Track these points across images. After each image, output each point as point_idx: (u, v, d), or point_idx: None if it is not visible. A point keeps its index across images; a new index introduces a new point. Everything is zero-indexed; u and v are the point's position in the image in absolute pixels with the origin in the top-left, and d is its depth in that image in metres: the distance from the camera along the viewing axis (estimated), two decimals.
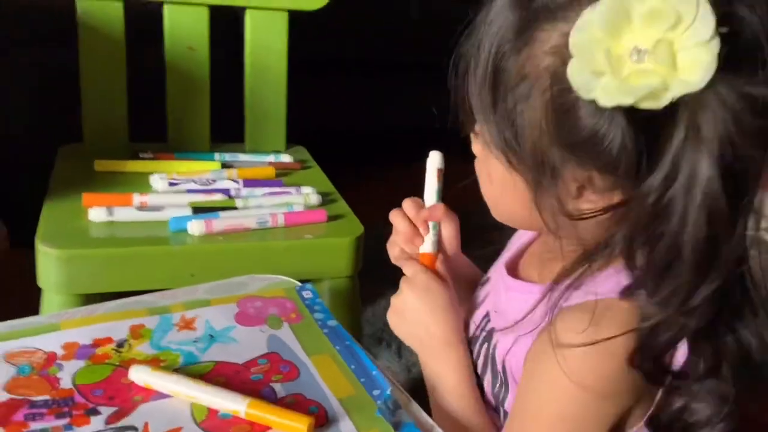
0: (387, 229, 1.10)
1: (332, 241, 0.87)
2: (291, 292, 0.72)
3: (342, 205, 0.96)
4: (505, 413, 0.62)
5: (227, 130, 1.15)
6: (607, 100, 0.43)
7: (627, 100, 0.43)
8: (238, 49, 1.11)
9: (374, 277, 1.57)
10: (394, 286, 0.67)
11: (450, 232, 0.70)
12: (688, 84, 0.42)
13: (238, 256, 0.84)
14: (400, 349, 1.32)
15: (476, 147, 0.59)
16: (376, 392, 0.58)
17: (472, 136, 0.58)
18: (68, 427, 0.53)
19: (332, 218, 0.91)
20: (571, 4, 0.46)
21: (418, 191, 0.69)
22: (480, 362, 0.64)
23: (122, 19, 1.04)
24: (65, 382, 0.57)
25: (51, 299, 0.82)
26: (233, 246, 0.84)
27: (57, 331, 0.64)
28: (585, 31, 0.44)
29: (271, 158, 1.08)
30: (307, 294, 0.72)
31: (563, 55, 0.45)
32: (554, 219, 0.51)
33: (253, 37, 1.10)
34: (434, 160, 0.69)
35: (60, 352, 0.61)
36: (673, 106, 0.43)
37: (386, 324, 0.68)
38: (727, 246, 0.45)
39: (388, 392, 0.57)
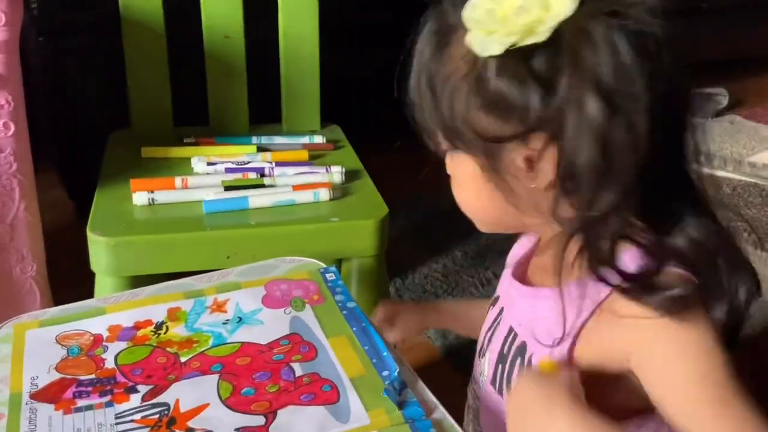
0: (419, 201, 1.13)
1: (357, 223, 0.91)
2: (315, 275, 0.77)
3: (369, 186, 1.00)
4: None
5: (267, 110, 1.19)
6: (498, 48, 0.51)
7: (511, 39, 0.50)
8: (273, 33, 1.15)
9: (411, 245, 1.63)
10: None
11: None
12: (557, 14, 0.49)
13: (269, 239, 0.89)
14: None
15: (447, 163, 0.62)
16: (385, 373, 0.62)
17: (446, 161, 0.62)
18: (110, 404, 0.59)
19: (357, 198, 0.96)
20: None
21: None
22: (514, 380, 0.63)
23: (161, 9, 1.09)
24: (109, 362, 0.64)
25: (103, 281, 0.89)
26: (265, 230, 0.90)
27: (103, 314, 0.70)
28: (475, 6, 0.53)
29: (306, 140, 1.12)
30: (330, 276, 0.77)
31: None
32: (519, 198, 0.56)
33: (285, 21, 1.13)
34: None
35: (105, 334, 0.67)
36: (556, 43, 0.50)
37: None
38: (623, 160, 0.51)
39: (396, 373, 0.61)
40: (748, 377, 0.54)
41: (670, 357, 0.54)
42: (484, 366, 0.68)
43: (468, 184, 0.60)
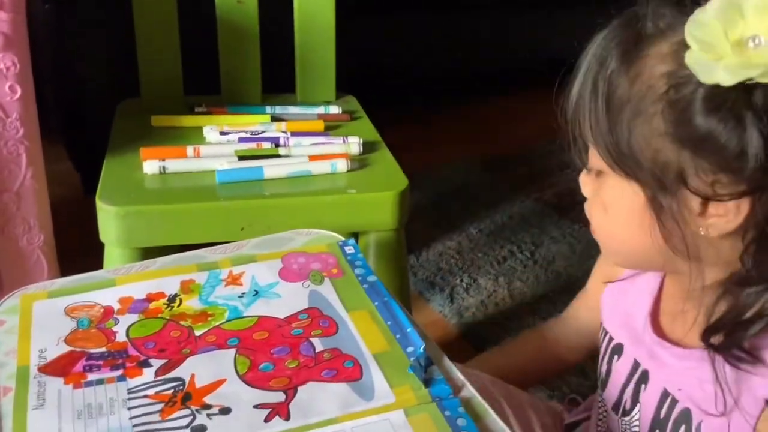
0: (433, 177, 1.11)
1: (376, 195, 0.88)
2: (333, 248, 0.74)
3: (387, 157, 0.97)
4: None
5: (280, 80, 1.16)
6: (729, 78, 0.45)
7: (753, 73, 0.44)
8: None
9: (426, 222, 1.61)
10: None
11: None
12: None
13: (285, 211, 0.86)
14: (452, 293, 1.34)
15: (587, 182, 0.59)
16: (410, 349, 0.60)
17: (582, 177, 0.59)
18: (121, 378, 0.57)
19: (376, 170, 0.93)
20: (675, 22, 0.49)
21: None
22: None
23: None
24: (120, 335, 0.62)
25: (112, 252, 0.87)
26: (280, 201, 0.87)
27: (113, 286, 0.68)
28: (702, 25, 0.47)
29: (321, 110, 1.09)
30: (349, 249, 0.74)
31: (677, 58, 0.48)
32: (680, 239, 0.51)
33: None
34: None
35: (116, 306, 0.65)
36: None
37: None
38: None
39: (421, 349, 0.59)
40: None
41: None
42: (632, 426, 0.64)
43: (621, 212, 0.55)
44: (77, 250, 0.89)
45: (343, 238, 0.77)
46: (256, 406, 0.54)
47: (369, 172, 0.93)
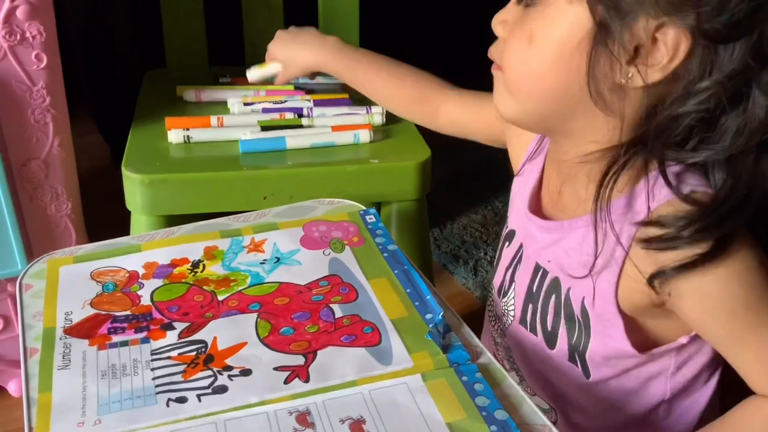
0: (457, 150, 1.10)
1: (398, 165, 0.88)
2: (354, 216, 0.74)
3: (410, 128, 0.96)
4: (584, 362, 0.62)
5: None
6: None
7: None
8: None
9: (450, 195, 1.60)
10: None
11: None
12: None
13: (307, 180, 0.86)
14: (476, 266, 1.34)
15: (509, 15, 0.56)
16: (428, 316, 0.60)
17: (500, 14, 0.56)
18: (145, 340, 0.58)
19: (398, 140, 0.93)
20: None
21: None
22: (549, 318, 0.63)
23: None
24: (145, 299, 0.63)
25: (138, 220, 0.88)
26: (302, 171, 0.87)
27: (139, 252, 0.69)
28: None
29: None
30: (369, 218, 0.74)
31: None
32: (604, 82, 0.50)
33: None
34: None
35: (141, 271, 0.66)
36: None
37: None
38: None
39: (440, 317, 0.59)
40: None
41: (712, 292, 0.52)
42: (509, 305, 0.66)
43: (551, 43, 0.52)
44: (106, 220, 0.90)
45: (364, 208, 0.77)
46: (276, 368, 0.55)
47: (392, 142, 0.93)
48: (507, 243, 0.68)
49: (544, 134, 0.65)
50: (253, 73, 0.97)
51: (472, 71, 0.82)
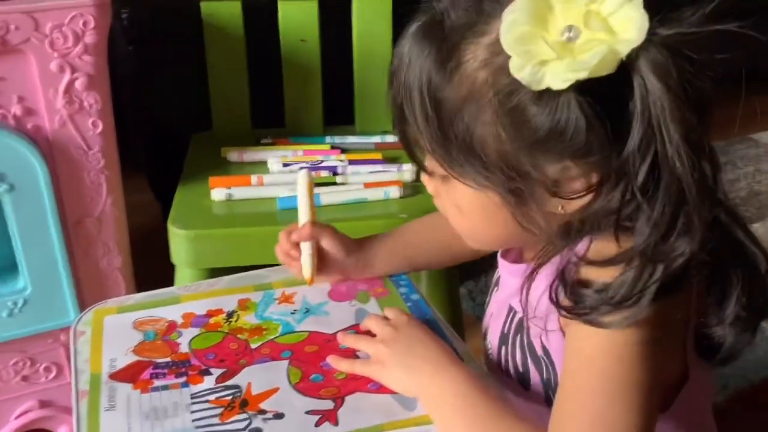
0: None
1: None
2: None
3: None
4: None
5: (341, 112, 1.21)
6: (560, 83, 0.43)
7: (582, 74, 0.43)
8: (346, 36, 1.16)
9: None
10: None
11: (333, 247, 0.72)
12: (630, 41, 0.43)
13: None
14: None
15: (431, 185, 0.59)
16: None
17: (424, 178, 0.59)
18: (185, 384, 0.61)
19: (428, 196, 0.95)
20: (480, 18, 0.48)
21: None
22: (518, 358, 0.63)
23: (241, 17, 1.12)
24: (183, 346, 0.66)
25: (182, 272, 0.92)
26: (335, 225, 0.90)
27: (178, 303, 0.73)
28: (513, 30, 0.44)
29: (377, 139, 1.13)
30: None
31: (496, 63, 0.47)
32: (535, 224, 0.52)
33: (360, 25, 1.15)
34: (304, 179, 0.72)
35: (180, 320, 0.70)
36: (621, 68, 0.44)
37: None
38: (717, 169, 0.46)
39: None
40: None
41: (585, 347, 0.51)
42: (488, 348, 0.67)
43: (475, 212, 0.55)
44: (155, 274, 0.93)
45: None
46: (307, 412, 0.58)
47: (421, 198, 0.96)
48: (496, 289, 0.69)
49: None
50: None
51: None
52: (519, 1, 0.45)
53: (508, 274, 0.65)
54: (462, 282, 1.47)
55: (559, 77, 0.43)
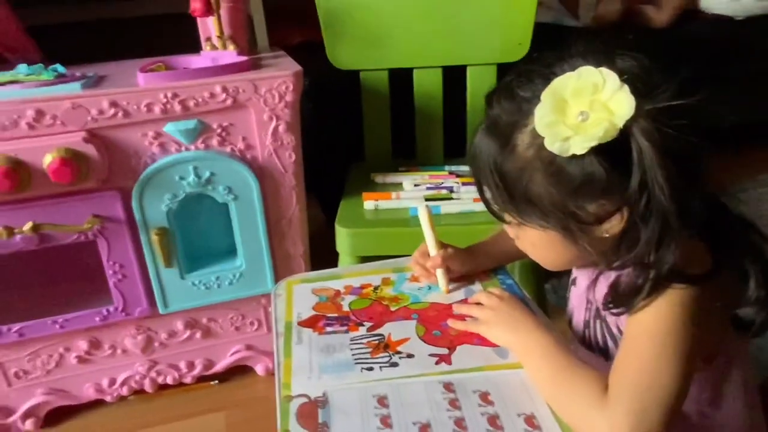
0: None
1: None
2: None
3: None
4: None
5: (456, 147, 1.22)
6: (581, 150, 0.48)
7: (594, 142, 0.47)
8: (461, 95, 1.19)
9: None
10: None
11: (455, 264, 0.72)
12: (624, 116, 0.47)
13: (454, 236, 0.89)
14: None
15: (511, 231, 0.60)
16: None
17: (505, 227, 0.61)
18: (346, 331, 0.66)
19: None
20: (521, 115, 0.52)
21: None
22: (599, 336, 0.63)
23: (387, 82, 1.16)
24: (345, 307, 0.71)
25: (344, 258, 0.97)
26: (450, 229, 0.93)
27: (341, 278, 0.77)
28: (543, 120, 0.49)
29: None
30: None
31: (537, 143, 0.51)
32: (590, 248, 0.53)
33: (473, 85, 1.17)
34: (424, 213, 0.70)
35: (342, 290, 0.74)
36: (622, 132, 0.47)
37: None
38: (695, 198, 0.47)
39: None
40: None
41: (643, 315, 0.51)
42: (576, 330, 0.67)
43: (544, 246, 0.57)
44: (323, 260, 0.97)
45: None
46: (430, 355, 0.61)
47: None
48: (573, 285, 0.69)
49: None
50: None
51: None
52: (544, 101, 0.50)
53: (581, 276, 0.66)
54: (547, 279, 1.43)
55: (579, 146, 0.48)
